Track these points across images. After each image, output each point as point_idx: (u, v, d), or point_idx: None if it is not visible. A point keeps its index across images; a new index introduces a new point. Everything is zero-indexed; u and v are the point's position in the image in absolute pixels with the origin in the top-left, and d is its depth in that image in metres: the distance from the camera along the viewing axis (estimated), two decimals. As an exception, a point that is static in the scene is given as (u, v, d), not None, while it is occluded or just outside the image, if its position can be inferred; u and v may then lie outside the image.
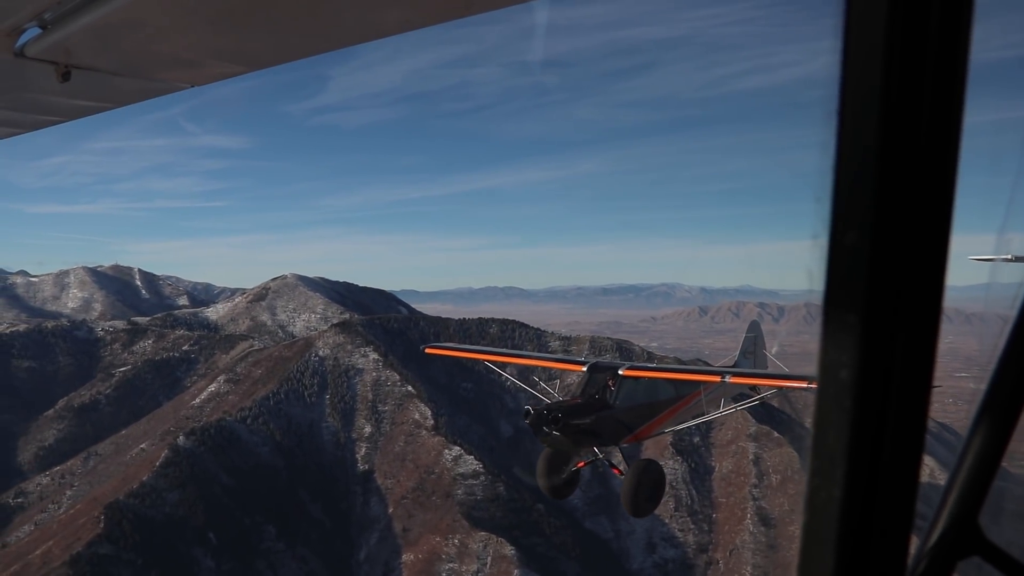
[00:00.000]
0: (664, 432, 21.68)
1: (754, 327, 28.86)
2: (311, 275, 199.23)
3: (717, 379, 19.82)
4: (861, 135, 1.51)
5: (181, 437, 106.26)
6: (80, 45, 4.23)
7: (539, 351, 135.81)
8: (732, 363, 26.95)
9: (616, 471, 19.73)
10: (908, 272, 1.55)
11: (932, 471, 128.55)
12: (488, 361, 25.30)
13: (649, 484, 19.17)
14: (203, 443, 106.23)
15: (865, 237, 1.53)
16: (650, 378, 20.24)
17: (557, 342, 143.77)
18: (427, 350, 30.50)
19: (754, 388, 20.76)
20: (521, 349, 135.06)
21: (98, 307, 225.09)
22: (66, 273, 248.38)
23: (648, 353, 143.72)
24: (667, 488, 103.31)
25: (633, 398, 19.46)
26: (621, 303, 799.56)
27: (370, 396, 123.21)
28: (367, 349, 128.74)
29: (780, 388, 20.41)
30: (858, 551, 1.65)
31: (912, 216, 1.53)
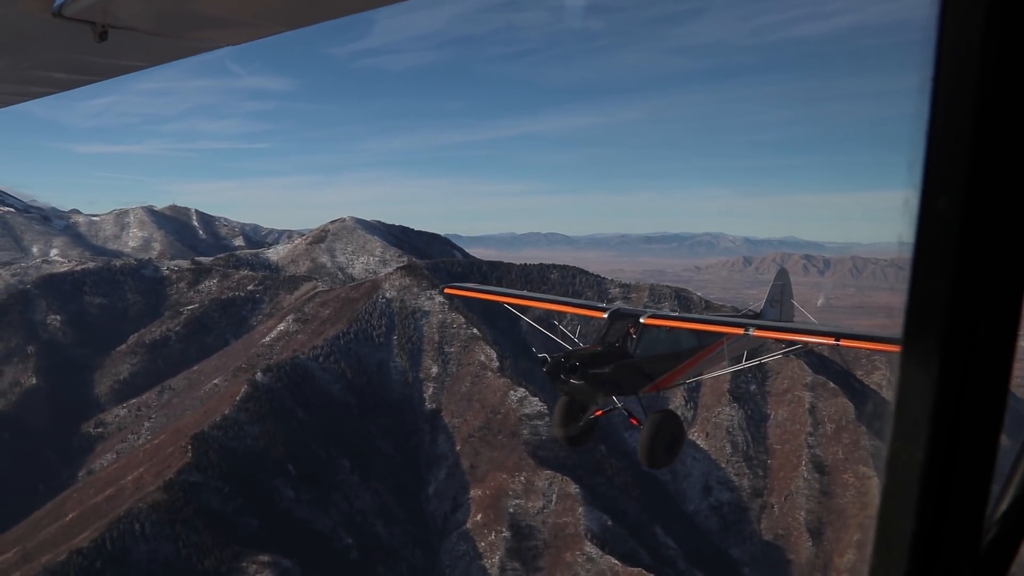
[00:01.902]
0: (684, 383, 21.10)
1: (782, 275, 27.80)
2: (362, 216, 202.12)
3: (740, 331, 18.95)
4: (957, 103, 1.51)
5: (259, 373, 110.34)
6: (116, 5, 4.36)
7: (599, 298, 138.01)
8: (759, 311, 26.12)
9: (634, 421, 18.96)
10: (996, 241, 1.56)
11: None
12: (508, 304, 24.22)
13: (667, 436, 18.42)
14: (279, 379, 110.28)
15: (956, 202, 1.53)
16: (672, 327, 19.51)
17: (617, 289, 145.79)
18: (447, 290, 31.43)
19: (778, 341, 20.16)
20: (581, 295, 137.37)
21: (157, 246, 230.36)
22: (126, 212, 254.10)
23: (706, 302, 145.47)
24: (723, 434, 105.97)
25: (654, 347, 18.90)
26: (664, 252, 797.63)
27: (436, 338, 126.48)
28: (433, 292, 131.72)
29: (806, 344, 19.65)
30: (936, 516, 1.72)
31: (1004, 184, 1.53)
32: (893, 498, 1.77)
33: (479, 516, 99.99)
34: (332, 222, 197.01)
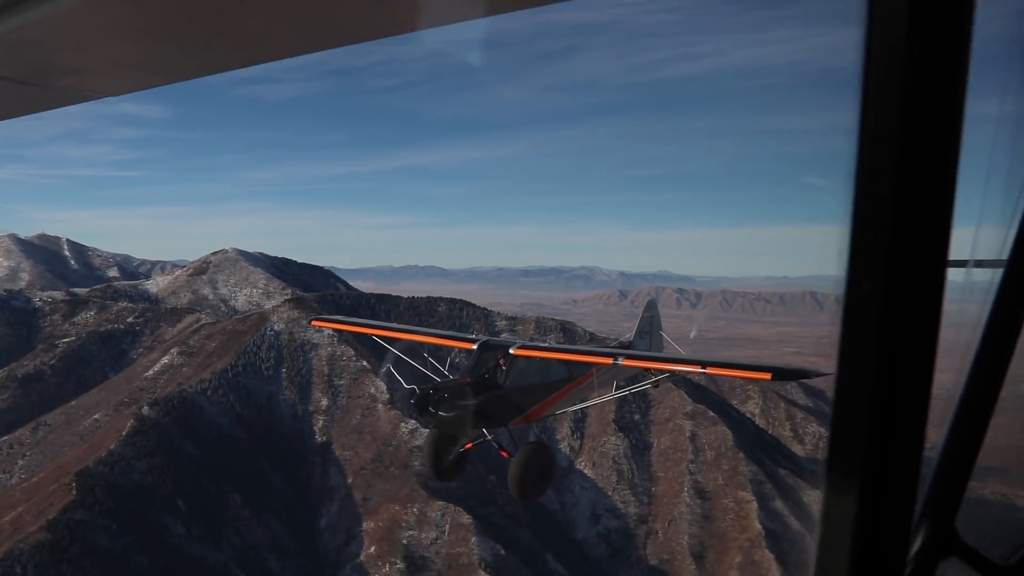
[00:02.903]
0: (554, 414, 20.79)
1: (651, 306, 27.63)
2: (242, 247, 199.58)
3: (610, 361, 18.97)
4: (877, 184, 1.66)
5: (145, 407, 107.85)
6: None
7: (487, 330, 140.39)
8: (628, 342, 26.11)
9: (504, 453, 18.71)
10: (912, 309, 1.73)
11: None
12: (376, 336, 23.71)
13: (537, 467, 18.30)
14: (167, 413, 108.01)
15: (878, 283, 1.72)
16: (541, 359, 19.59)
17: (504, 322, 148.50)
18: (314, 322, 31.81)
19: (648, 371, 20.31)
20: (469, 328, 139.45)
21: (26, 276, 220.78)
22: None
23: (590, 334, 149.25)
24: (609, 463, 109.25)
25: (524, 378, 18.79)
26: (542, 284, 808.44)
27: (326, 370, 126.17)
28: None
29: (674, 372, 19.88)
30: (866, 554, 1.89)
31: (918, 257, 1.70)
32: (828, 542, 1.93)
33: (372, 548, 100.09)
34: (214, 253, 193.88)
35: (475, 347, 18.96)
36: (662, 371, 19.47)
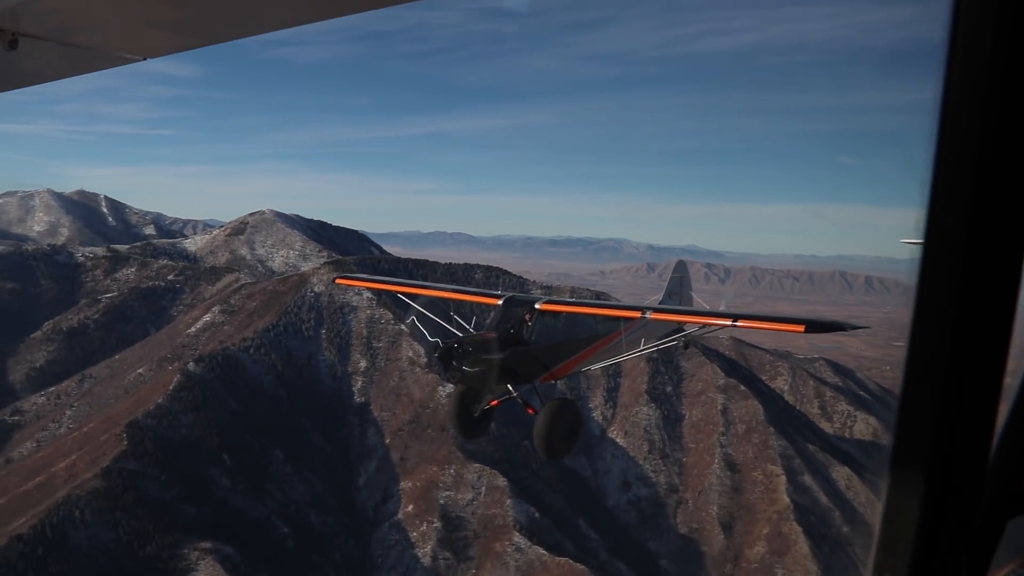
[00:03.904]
0: (582, 371, 20.03)
1: (680, 267, 26.80)
2: (280, 210, 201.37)
3: (637, 315, 18.22)
4: (964, 120, 1.61)
5: (191, 364, 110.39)
6: (28, 12, 4.18)
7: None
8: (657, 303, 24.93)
9: (530, 411, 18.14)
10: (995, 256, 1.71)
11: (876, 431, 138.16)
12: (401, 293, 23.41)
13: (564, 425, 17.85)
14: (211, 370, 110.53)
15: (962, 221, 1.67)
16: (569, 314, 19.02)
17: (539, 291, 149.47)
18: (338, 280, 31.98)
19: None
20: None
21: (65, 232, 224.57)
22: (31, 196, 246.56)
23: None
24: (641, 432, 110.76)
25: (551, 334, 18.37)
26: (569, 255, 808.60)
27: (364, 332, 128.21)
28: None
29: (704, 325, 19.00)
30: (935, 508, 1.90)
31: (1007, 201, 1.67)
32: (897, 493, 1.94)
33: (410, 507, 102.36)
34: (251, 214, 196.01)
35: (500, 303, 18.44)
36: (691, 325, 19.09)
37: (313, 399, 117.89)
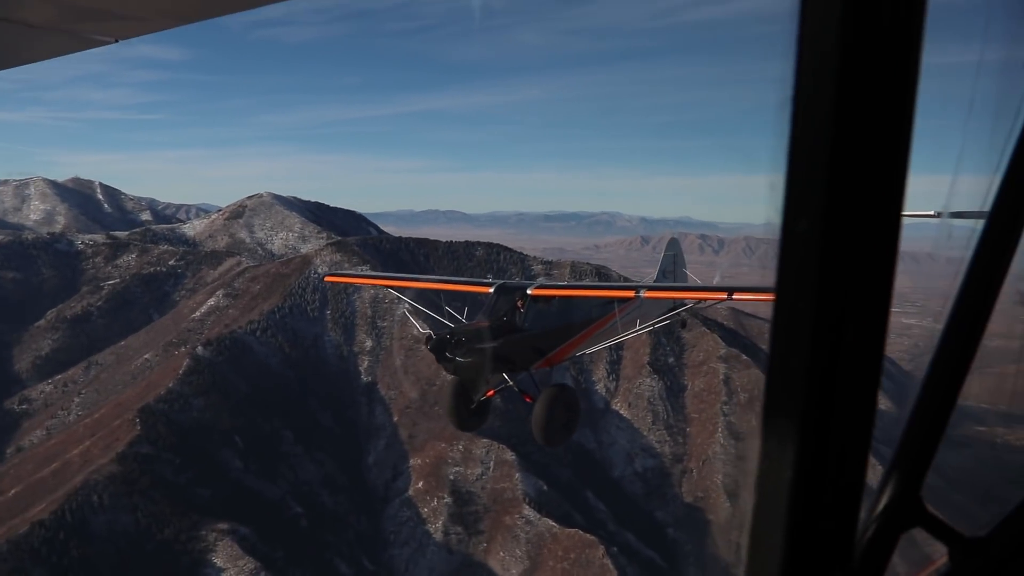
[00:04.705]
0: (579, 355, 20.08)
1: (673, 244, 26.63)
2: (278, 192, 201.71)
3: (631, 295, 18.43)
4: (814, 125, 1.57)
5: (199, 348, 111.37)
6: None
7: (523, 274, 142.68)
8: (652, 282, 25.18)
9: (527, 398, 18.12)
10: (858, 258, 1.63)
11: (889, 406, 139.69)
12: (391, 287, 23.35)
13: (562, 411, 17.67)
14: (220, 353, 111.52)
15: (816, 225, 1.60)
16: (561, 298, 18.93)
17: (540, 266, 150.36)
18: (327, 278, 32.29)
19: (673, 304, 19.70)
20: (506, 272, 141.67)
21: (61, 220, 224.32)
22: (26, 184, 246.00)
23: (623, 279, 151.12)
24: (645, 404, 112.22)
25: (544, 320, 18.09)
26: (563, 230, 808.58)
27: (369, 312, 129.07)
28: (364, 267, 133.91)
29: (699, 300, 18.99)
30: (808, 530, 1.77)
31: (863, 203, 1.60)
32: (763, 514, 1.82)
33: (420, 483, 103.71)
34: (249, 197, 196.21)
35: (492, 291, 18.35)
36: (686, 301, 18.88)
37: (321, 379, 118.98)
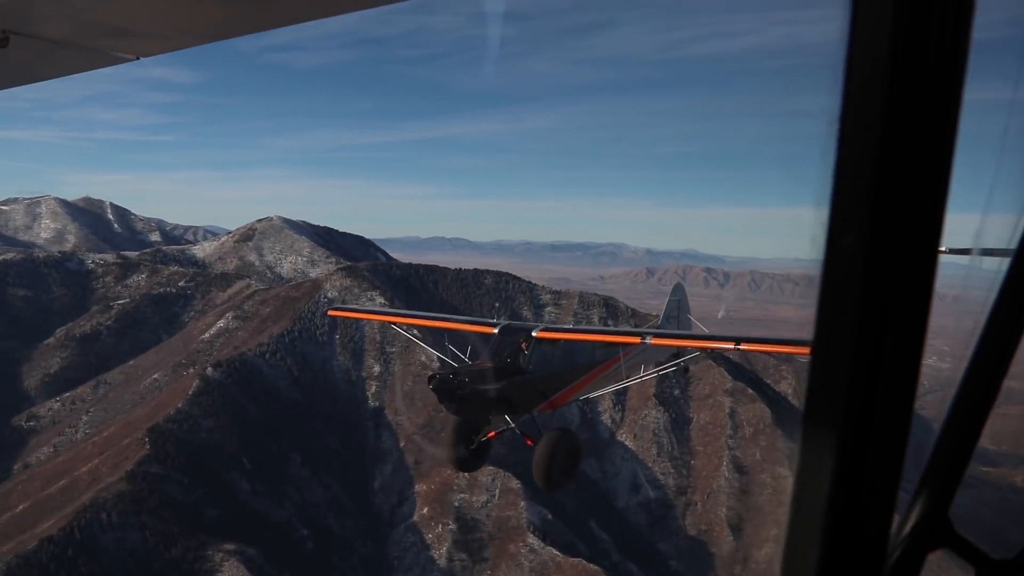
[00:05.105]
0: (581, 399, 20.07)
1: (678, 290, 26.62)
2: (286, 216, 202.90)
3: (637, 340, 18.30)
4: (860, 144, 1.59)
5: (209, 369, 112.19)
6: (21, 9, 4.10)
7: (531, 303, 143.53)
8: (655, 329, 24.97)
9: (529, 441, 18.00)
10: (898, 277, 1.66)
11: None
12: (394, 324, 23.46)
13: (563, 456, 17.52)
14: (229, 375, 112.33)
15: (861, 240, 1.62)
16: (566, 341, 18.87)
17: (548, 295, 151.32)
18: (331, 312, 32.02)
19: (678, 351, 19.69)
20: (514, 300, 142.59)
21: (71, 239, 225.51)
22: (37, 202, 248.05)
23: (631, 310, 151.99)
24: (650, 435, 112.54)
25: (548, 362, 18.00)
26: (569, 260, 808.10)
27: (378, 338, 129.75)
28: (373, 293, 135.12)
29: (704, 350, 19.30)
30: (840, 544, 1.78)
31: (905, 223, 1.62)
32: (799, 526, 1.83)
33: (425, 509, 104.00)
34: (259, 220, 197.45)
35: (496, 331, 18.23)
36: (692, 349, 19.00)
37: (329, 403, 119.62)
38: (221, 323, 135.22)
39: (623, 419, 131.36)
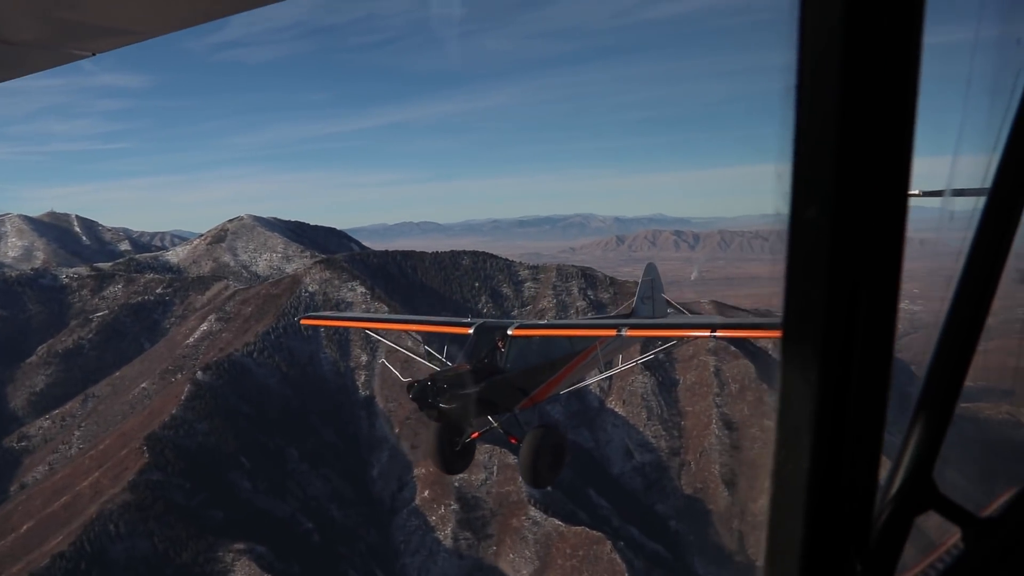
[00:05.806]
0: (562, 392, 19.75)
1: (650, 270, 26.25)
2: (257, 213, 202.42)
3: (612, 333, 18.05)
4: (819, 111, 1.56)
5: (199, 372, 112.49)
6: None
7: (510, 280, 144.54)
8: (630, 310, 25.27)
9: (512, 440, 18.11)
10: (867, 245, 1.63)
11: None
12: (368, 329, 23.30)
13: (548, 452, 17.44)
14: (219, 377, 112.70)
15: (825, 211, 1.60)
16: (542, 336, 18.86)
17: (526, 271, 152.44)
18: (303, 321, 30.69)
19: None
20: (493, 279, 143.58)
21: (40, 255, 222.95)
22: (1, 221, 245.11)
23: (610, 279, 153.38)
24: (639, 400, 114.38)
25: (525, 359, 17.87)
26: (538, 235, 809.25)
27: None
28: (354, 283, 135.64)
29: (681, 339, 19.09)
30: (824, 520, 1.81)
31: (870, 187, 1.60)
32: (782, 505, 1.85)
33: (426, 492, 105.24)
34: (230, 221, 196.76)
35: (471, 331, 18.20)
36: (669, 339, 18.94)
37: (320, 396, 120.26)
38: (204, 326, 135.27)
39: (611, 386, 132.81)
